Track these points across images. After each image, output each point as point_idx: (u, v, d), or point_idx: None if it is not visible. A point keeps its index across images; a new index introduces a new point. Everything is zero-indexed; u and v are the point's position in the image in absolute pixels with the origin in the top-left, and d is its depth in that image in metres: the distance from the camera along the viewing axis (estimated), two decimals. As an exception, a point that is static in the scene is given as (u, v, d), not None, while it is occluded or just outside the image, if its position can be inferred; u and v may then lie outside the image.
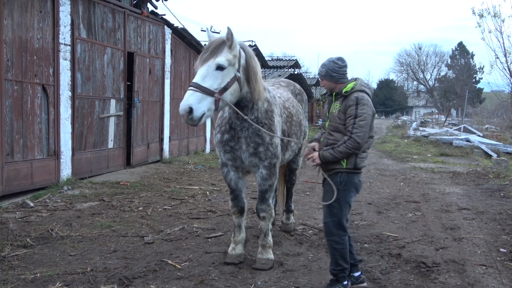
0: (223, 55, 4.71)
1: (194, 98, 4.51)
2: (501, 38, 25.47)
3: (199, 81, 4.59)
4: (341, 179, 4.61)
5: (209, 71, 4.65)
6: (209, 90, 4.59)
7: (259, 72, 5.08)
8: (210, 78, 4.63)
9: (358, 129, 4.43)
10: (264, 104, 5.27)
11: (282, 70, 33.95)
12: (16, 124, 8.67)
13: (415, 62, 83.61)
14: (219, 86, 4.67)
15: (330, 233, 4.68)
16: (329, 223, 4.66)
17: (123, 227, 7.00)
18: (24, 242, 6.08)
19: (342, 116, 4.59)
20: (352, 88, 4.60)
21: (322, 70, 4.69)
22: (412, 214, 8.33)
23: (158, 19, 14.06)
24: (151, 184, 10.50)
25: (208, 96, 4.58)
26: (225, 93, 4.73)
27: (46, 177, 9.42)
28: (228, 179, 5.63)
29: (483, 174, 13.41)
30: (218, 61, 4.68)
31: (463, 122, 35.09)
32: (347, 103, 4.55)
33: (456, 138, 23.73)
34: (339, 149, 4.48)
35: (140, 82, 13.06)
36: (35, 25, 9.07)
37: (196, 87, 4.55)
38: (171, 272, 5.26)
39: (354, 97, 4.53)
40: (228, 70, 4.74)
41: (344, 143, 4.47)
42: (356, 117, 4.46)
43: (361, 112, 4.47)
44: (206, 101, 4.56)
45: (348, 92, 4.60)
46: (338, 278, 4.73)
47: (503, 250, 6.34)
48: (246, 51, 5.01)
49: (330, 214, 4.65)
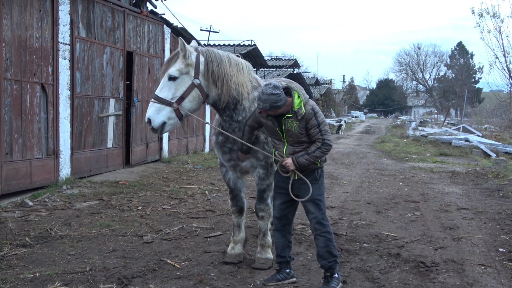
0: (175, 65, 4.90)
1: (152, 109, 4.84)
2: (500, 38, 25.51)
3: (157, 93, 4.92)
4: (318, 175, 4.90)
5: (164, 83, 4.92)
6: (165, 100, 4.85)
7: (230, 74, 5.06)
8: (166, 89, 4.89)
9: (326, 134, 4.75)
10: (254, 103, 5.26)
11: (281, 70, 33.94)
12: (15, 123, 8.66)
13: (414, 62, 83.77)
14: (174, 95, 4.88)
15: (322, 226, 4.85)
16: (318, 217, 4.85)
17: (122, 227, 7.00)
18: (23, 242, 6.08)
19: (303, 130, 4.76)
20: (299, 105, 4.71)
21: (266, 106, 4.60)
22: (411, 214, 8.33)
23: (158, 19, 14.05)
24: (150, 184, 10.50)
25: (166, 106, 4.83)
26: (183, 102, 4.90)
27: (45, 177, 9.42)
28: (227, 178, 5.65)
29: (482, 174, 13.42)
30: (169, 72, 4.90)
31: (462, 122, 35.11)
32: (306, 117, 4.70)
33: (455, 138, 23.74)
34: (315, 154, 4.71)
35: (139, 82, 13.05)
36: (34, 24, 9.06)
37: (154, 99, 4.88)
38: (170, 271, 5.26)
39: (311, 110, 4.74)
40: (181, 79, 4.90)
41: (319, 148, 4.71)
42: (320, 125, 4.73)
43: (321, 120, 4.77)
44: (164, 111, 4.84)
45: (299, 109, 4.70)
46: (332, 271, 4.84)
47: (502, 249, 6.35)
48: (207, 56, 5.02)
49: (318, 209, 4.85)
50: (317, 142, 4.71)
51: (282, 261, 5.10)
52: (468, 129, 29.93)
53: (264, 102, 4.59)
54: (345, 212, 8.40)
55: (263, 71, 32.08)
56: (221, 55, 5.10)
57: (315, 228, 4.88)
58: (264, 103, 4.59)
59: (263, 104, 4.60)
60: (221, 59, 5.05)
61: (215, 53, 5.10)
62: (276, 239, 5.14)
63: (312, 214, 4.86)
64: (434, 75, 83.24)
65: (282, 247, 5.08)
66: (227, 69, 5.05)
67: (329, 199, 9.47)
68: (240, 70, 5.17)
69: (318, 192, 4.85)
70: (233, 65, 5.12)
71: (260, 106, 4.64)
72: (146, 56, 13.39)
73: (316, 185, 4.84)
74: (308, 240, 6.59)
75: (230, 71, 5.06)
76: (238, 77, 5.12)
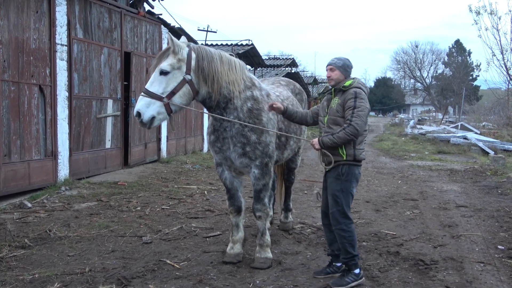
0: (167, 60, 4.90)
1: (142, 103, 4.80)
2: (498, 35, 25.48)
3: (147, 87, 4.89)
4: (342, 170, 4.87)
5: (155, 77, 4.89)
6: (156, 95, 4.83)
7: (221, 72, 5.07)
8: (156, 84, 4.87)
9: (357, 118, 4.71)
10: (246, 102, 5.26)
11: (279, 69, 33.95)
12: (13, 125, 8.65)
13: (412, 60, 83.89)
14: (165, 90, 4.86)
15: (337, 222, 4.88)
16: (335, 212, 4.88)
17: (121, 227, 7.00)
18: (22, 243, 6.07)
19: (340, 109, 4.86)
20: (350, 84, 4.88)
21: (339, 62, 4.96)
22: (410, 212, 8.34)
23: (155, 19, 14.04)
24: (149, 184, 10.50)
25: (157, 100, 4.82)
26: (173, 97, 4.89)
27: (43, 178, 9.41)
28: (223, 178, 5.65)
29: (480, 172, 13.43)
30: (161, 67, 4.88)
31: (460, 120, 35.19)
32: (346, 97, 4.83)
33: (454, 136, 23.76)
34: (338, 134, 4.73)
35: (137, 82, 13.04)
36: (31, 26, 9.05)
37: (145, 93, 4.85)
38: (169, 271, 5.26)
39: (353, 91, 4.83)
40: (173, 74, 4.89)
41: (343, 129, 4.72)
42: (355, 108, 4.74)
43: (360, 104, 4.76)
44: (154, 106, 4.82)
45: (347, 88, 4.87)
46: (349, 266, 4.90)
47: (501, 247, 6.36)
48: (198, 53, 5.02)
49: (335, 204, 4.88)
50: (344, 124, 4.75)
51: (332, 254, 5.21)
52: (466, 127, 30.00)
53: (340, 59, 4.98)
54: (344, 210, 8.39)
55: (261, 71, 32.08)
56: (212, 53, 5.10)
57: (332, 222, 4.96)
58: (340, 60, 4.97)
59: (338, 60, 4.97)
60: (212, 57, 5.06)
61: (206, 50, 5.11)
62: (324, 233, 5.31)
63: (330, 208, 4.93)
64: (431, 73, 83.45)
65: (331, 240, 5.18)
66: (218, 66, 5.07)
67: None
68: (232, 68, 5.17)
69: (337, 188, 4.86)
70: (225, 63, 5.13)
71: (335, 61, 4.96)
72: (143, 57, 13.38)
73: (338, 181, 4.86)
74: (307, 239, 6.60)
75: (221, 69, 5.08)
76: (230, 75, 5.13)
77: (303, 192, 10.10)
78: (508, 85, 26.91)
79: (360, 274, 4.93)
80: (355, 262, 4.90)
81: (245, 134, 5.21)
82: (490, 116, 39.07)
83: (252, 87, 5.40)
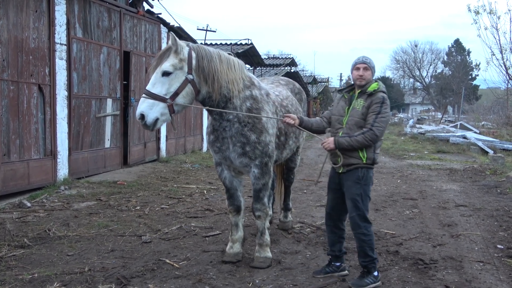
0: (168, 60, 4.83)
1: (145, 105, 4.71)
2: (497, 35, 25.44)
3: (149, 88, 4.80)
4: (361, 174, 4.83)
5: (157, 78, 4.81)
6: (159, 96, 4.76)
7: (222, 71, 5.05)
8: (159, 85, 4.79)
9: (379, 124, 4.69)
10: (246, 102, 5.25)
11: (278, 68, 33.89)
12: (12, 124, 8.65)
13: (411, 60, 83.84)
14: (168, 91, 4.80)
15: (357, 226, 4.86)
16: (355, 217, 4.84)
17: (120, 227, 7.00)
18: (21, 243, 6.06)
19: (366, 112, 4.80)
20: (378, 88, 4.84)
21: (372, 61, 4.96)
22: (410, 211, 8.34)
23: (154, 18, 14.03)
24: (148, 183, 10.49)
25: (160, 102, 4.75)
26: (177, 98, 4.84)
27: (43, 177, 9.40)
28: (223, 177, 5.65)
29: (479, 171, 13.44)
30: (163, 67, 4.81)
31: (460, 119, 35.21)
32: (373, 100, 4.79)
33: (453, 135, 23.78)
34: (357, 138, 4.69)
35: (136, 81, 13.04)
36: (30, 25, 9.04)
37: (147, 94, 4.77)
38: (169, 271, 5.25)
39: (381, 96, 4.80)
40: (175, 75, 4.83)
41: (362, 133, 4.69)
42: (379, 114, 4.72)
43: (384, 111, 4.75)
44: (158, 107, 4.75)
45: (374, 91, 4.82)
46: (368, 269, 4.89)
47: (500, 246, 6.36)
48: (198, 52, 4.99)
49: (356, 208, 4.84)
50: (364, 129, 4.71)
51: (332, 254, 5.20)
52: (466, 126, 30.00)
53: (365, 57, 4.95)
54: (343, 210, 8.39)
55: (260, 70, 32.06)
56: (211, 52, 5.09)
57: (352, 226, 4.93)
58: (365, 57, 4.94)
59: (363, 58, 4.93)
60: (211, 56, 5.04)
61: (205, 49, 5.09)
62: (327, 233, 5.29)
63: (350, 213, 4.90)
64: (431, 72, 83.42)
65: (332, 242, 5.17)
66: (218, 66, 5.04)
67: (327, 197, 9.46)
68: (231, 68, 5.15)
69: (357, 192, 4.81)
70: (224, 62, 5.11)
71: (368, 60, 4.93)
72: (143, 56, 13.37)
73: (358, 184, 4.81)
74: (306, 238, 6.60)
75: (220, 68, 5.05)
76: (229, 75, 5.10)
77: (303, 192, 10.10)
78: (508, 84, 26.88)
79: (379, 276, 4.94)
80: (375, 265, 4.91)
81: (245, 133, 5.19)
82: (490, 115, 39.08)
83: (251, 87, 5.39)
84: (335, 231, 5.14)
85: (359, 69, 4.90)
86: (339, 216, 5.14)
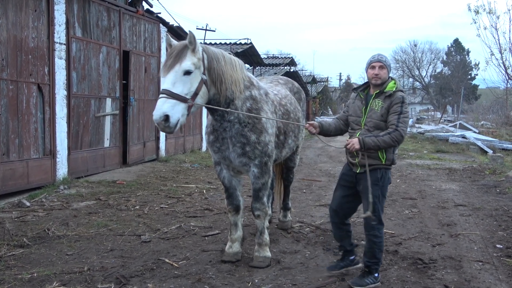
0: (188, 59, 4.66)
1: (168, 105, 4.47)
2: (496, 34, 25.47)
3: (169, 88, 4.53)
4: (380, 175, 4.79)
5: (177, 77, 4.59)
6: (181, 96, 4.55)
7: (228, 72, 5.01)
8: (180, 84, 4.58)
9: (403, 124, 4.64)
10: (246, 102, 5.23)
11: (278, 68, 33.91)
12: (11, 124, 8.64)
13: (411, 59, 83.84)
14: (189, 91, 4.65)
15: (371, 228, 4.82)
16: (370, 218, 4.78)
17: (119, 226, 6.99)
18: (20, 242, 6.06)
19: (385, 113, 4.73)
20: (396, 88, 4.77)
21: (387, 60, 4.87)
22: (409, 211, 8.34)
23: (154, 18, 14.03)
24: (147, 183, 10.49)
25: (181, 102, 4.55)
26: (196, 98, 4.72)
27: (42, 177, 9.40)
28: (222, 177, 5.64)
29: (479, 171, 13.45)
30: (184, 66, 4.62)
31: (459, 119, 35.22)
32: (393, 101, 4.71)
33: (452, 135, 23.80)
34: (384, 138, 4.60)
35: (135, 81, 13.03)
36: (30, 24, 9.03)
37: (168, 94, 4.51)
38: (168, 270, 5.25)
39: (400, 96, 4.72)
40: (195, 74, 4.71)
41: (388, 134, 4.61)
42: (401, 114, 4.66)
43: (405, 111, 4.70)
44: (179, 107, 4.53)
45: (392, 91, 4.75)
46: (370, 269, 4.88)
47: (499, 246, 6.37)
48: (208, 53, 4.94)
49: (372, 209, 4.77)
50: (389, 129, 4.64)
51: (342, 249, 5.22)
52: (465, 126, 30.03)
53: (380, 55, 4.85)
54: (342, 209, 8.39)
55: (260, 70, 32.07)
56: (217, 53, 5.05)
57: (365, 227, 4.92)
58: (380, 55, 4.85)
59: (379, 56, 4.83)
60: (218, 57, 5.00)
61: (213, 50, 5.04)
62: (333, 230, 5.27)
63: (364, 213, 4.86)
64: (430, 72, 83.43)
65: (340, 237, 5.17)
66: (223, 67, 4.98)
67: (326, 196, 9.47)
68: (234, 68, 5.11)
69: (376, 194, 4.74)
70: (228, 63, 5.06)
71: (384, 58, 4.83)
72: (142, 55, 13.37)
73: (376, 186, 4.75)
74: (306, 238, 6.60)
75: (225, 69, 4.99)
76: (233, 76, 5.05)
77: (302, 191, 10.10)
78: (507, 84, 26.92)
79: (379, 277, 4.93)
80: (378, 267, 4.91)
81: (245, 134, 5.18)
82: (489, 115, 39.13)
83: (251, 87, 5.37)
84: (341, 227, 5.11)
85: (375, 68, 4.78)
86: (346, 215, 5.11)
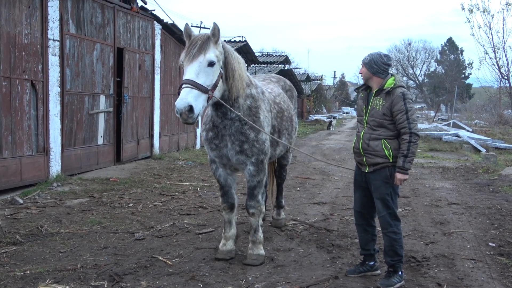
0: (212, 51, 4.63)
1: (192, 95, 4.43)
2: (490, 33, 25.67)
3: (194, 78, 4.49)
4: (389, 173, 4.77)
5: (201, 68, 4.56)
6: (204, 87, 4.51)
7: (237, 69, 4.98)
8: (203, 75, 4.55)
9: (413, 123, 4.64)
10: (246, 100, 5.23)
11: (272, 66, 33.91)
12: (4, 121, 8.60)
13: (405, 58, 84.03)
14: (211, 82, 4.62)
15: (388, 225, 4.83)
16: (386, 216, 4.81)
17: (113, 224, 6.98)
18: (13, 239, 6.04)
19: (388, 112, 4.70)
20: (394, 84, 4.73)
21: (366, 58, 4.83)
22: (402, 209, 8.36)
23: (148, 15, 13.98)
24: (141, 181, 10.47)
25: (203, 93, 4.50)
26: (215, 90, 4.70)
27: (35, 174, 9.36)
28: (217, 175, 5.63)
29: (472, 169, 13.51)
30: (209, 57, 4.59)
31: (453, 118, 35.35)
32: (393, 99, 4.68)
33: (446, 134, 23.88)
34: (411, 149, 4.62)
35: (130, 78, 12.99)
36: (23, 21, 8.98)
37: (192, 84, 4.46)
38: (161, 268, 5.25)
39: (400, 93, 4.69)
40: (216, 67, 4.70)
41: (409, 142, 4.61)
42: (408, 112, 4.63)
43: (410, 107, 4.67)
44: (201, 99, 4.49)
45: (391, 88, 4.71)
46: (395, 268, 4.87)
47: (492, 244, 6.40)
48: (225, 47, 4.91)
49: (386, 207, 4.80)
50: (404, 136, 4.62)
51: (365, 253, 5.16)
52: (458, 125, 30.14)
53: (370, 55, 4.81)
54: (336, 207, 8.42)
55: (254, 67, 32.02)
56: (230, 48, 5.03)
57: (382, 226, 4.90)
58: (369, 56, 4.81)
59: (367, 56, 4.82)
60: (232, 53, 4.99)
61: (227, 45, 5.01)
62: (358, 233, 5.24)
63: (380, 212, 4.86)
64: (424, 71, 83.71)
65: (366, 240, 5.12)
66: (234, 63, 4.96)
67: (320, 194, 9.49)
68: (240, 66, 5.10)
69: (387, 191, 4.77)
70: (235, 60, 5.04)
71: (365, 57, 4.84)
72: (136, 53, 13.33)
73: (387, 184, 4.76)
74: (299, 236, 6.61)
75: (236, 66, 4.97)
76: (240, 73, 5.03)
77: (296, 189, 10.11)
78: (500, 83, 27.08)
79: (403, 275, 4.92)
80: (402, 264, 4.90)
81: (244, 132, 5.17)
82: (482, 114, 39.30)
83: (250, 85, 5.37)
84: (367, 229, 5.11)
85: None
86: (371, 214, 5.10)
